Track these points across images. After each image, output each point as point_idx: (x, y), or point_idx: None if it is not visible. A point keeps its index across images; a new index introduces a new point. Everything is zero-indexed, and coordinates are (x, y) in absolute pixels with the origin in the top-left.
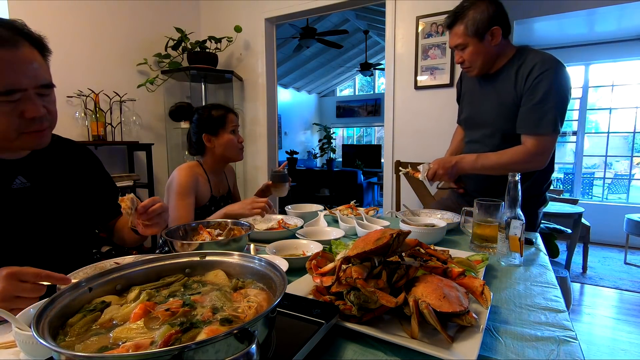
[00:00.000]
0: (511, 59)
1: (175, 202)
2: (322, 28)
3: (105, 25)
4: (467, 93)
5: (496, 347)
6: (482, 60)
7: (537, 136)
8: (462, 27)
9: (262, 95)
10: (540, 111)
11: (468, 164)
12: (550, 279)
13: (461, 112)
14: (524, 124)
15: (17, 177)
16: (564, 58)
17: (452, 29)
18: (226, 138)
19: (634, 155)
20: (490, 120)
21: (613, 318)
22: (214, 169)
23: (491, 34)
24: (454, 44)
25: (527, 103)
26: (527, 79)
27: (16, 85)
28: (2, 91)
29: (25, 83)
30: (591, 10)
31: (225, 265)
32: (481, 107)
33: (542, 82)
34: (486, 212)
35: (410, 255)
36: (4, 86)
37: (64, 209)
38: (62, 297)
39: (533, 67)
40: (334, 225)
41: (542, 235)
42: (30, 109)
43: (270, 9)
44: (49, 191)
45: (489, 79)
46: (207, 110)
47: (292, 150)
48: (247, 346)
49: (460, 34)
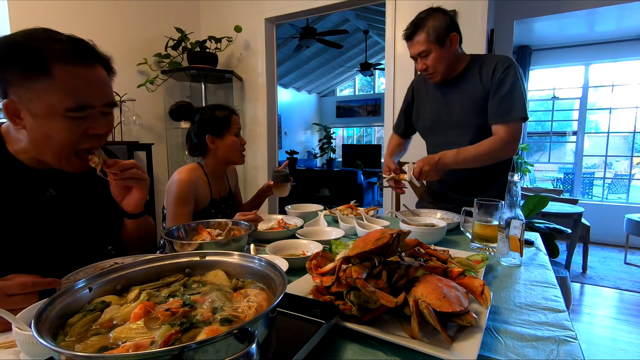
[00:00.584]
0: (469, 64)
1: (174, 210)
2: (322, 28)
3: (105, 25)
4: (426, 101)
5: (496, 347)
6: (444, 65)
7: (509, 124)
8: (423, 35)
9: (262, 95)
10: (510, 100)
11: (450, 158)
12: (550, 279)
13: (417, 120)
14: (496, 114)
15: (48, 188)
16: (564, 58)
17: (413, 39)
18: (230, 140)
19: (634, 155)
20: (463, 119)
21: (613, 318)
22: (215, 170)
23: (450, 40)
24: (417, 52)
25: (496, 95)
26: (492, 75)
27: (89, 103)
28: (74, 107)
29: (96, 101)
30: (591, 10)
31: (225, 265)
32: (449, 109)
33: (507, 77)
34: (486, 212)
35: (410, 255)
36: (78, 102)
37: (85, 221)
38: (62, 297)
39: (496, 65)
40: (334, 225)
41: (542, 235)
42: (95, 126)
43: (270, 9)
44: (74, 203)
45: (451, 83)
46: (211, 110)
47: (292, 150)
48: (247, 346)
49: (422, 42)
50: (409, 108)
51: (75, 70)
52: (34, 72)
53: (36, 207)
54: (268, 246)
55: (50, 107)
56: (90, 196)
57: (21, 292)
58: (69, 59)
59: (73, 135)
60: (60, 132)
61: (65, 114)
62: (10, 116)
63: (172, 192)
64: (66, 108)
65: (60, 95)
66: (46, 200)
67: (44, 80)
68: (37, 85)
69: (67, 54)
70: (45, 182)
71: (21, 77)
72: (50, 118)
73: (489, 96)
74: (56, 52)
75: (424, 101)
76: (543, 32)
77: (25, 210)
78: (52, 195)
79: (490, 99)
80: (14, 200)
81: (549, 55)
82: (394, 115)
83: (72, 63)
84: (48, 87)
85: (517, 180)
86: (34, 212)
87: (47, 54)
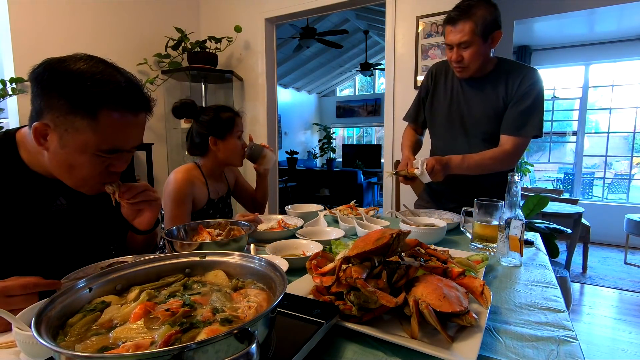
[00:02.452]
0: (496, 67)
1: (172, 210)
2: (322, 28)
3: (105, 25)
4: (443, 93)
5: (496, 347)
6: (480, 61)
7: (518, 137)
8: (470, 24)
9: (262, 95)
10: (528, 116)
11: (455, 163)
12: (550, 279)
13: (430, 110)
14: (510, 125)
15: (58, 198)
16: (564, 58)
17: (456, 26)
18: (233, 143)
19: (634, 155)
20: (478, 121)
21: (613, 318)
22: (212, 171)
23: (492, 37)
24: (459, 41)
25: (515, 107)
26: (519, 85)
27: (123, 148)
28: (108, 149)
29: (129, 146)
30: (591, 10)
31: (225, 265)
32: (467, 109)
33: (532, 91)
34: (486, 212)
35: (410, 255)
36: (113, 146)
37: (93, 229)
38: (62, 297)
39: (524, 76)
40: (334, 225)
41: (542, 235)
42: (119, 165)
43: (270, 9)
44: (83, 212)
45: (475, 81)
46: (215, 112)
47: (292, 150)
48: (247, 346)
49: (467, 32)
50: (426, 97)
51: (121, 116)
52: (80, 110)
53: (46, 216)
54: (268, 246)
55: (83, 145)
56: (99, 206)
57: (22, 293)
58: (119, 105)
59: (96, 172)
60: (84, 167)
61: (95, 153)
62: (37, 137)
63: (170, 193)
64: (99, 149)
65: (98, 137)
66: (56, 209)
67: (87, 119)
68: (79, 122)
69: (118, 101)
70: (56, 191)
71: (66, 109)
72: (79, 153)
73: (509, 105)
74: (109, 97)
75: (441, 93)
76: (543, 32)
77: (35, 219)
78: (62, 205)
79: (509, 108)
80: (24, 207)
81: (549, 55)
82: (394, 115)
83: (120, 110)
84: (89, 127)
85: (517, 180)
86: (43, 220)
87: (100, 98)
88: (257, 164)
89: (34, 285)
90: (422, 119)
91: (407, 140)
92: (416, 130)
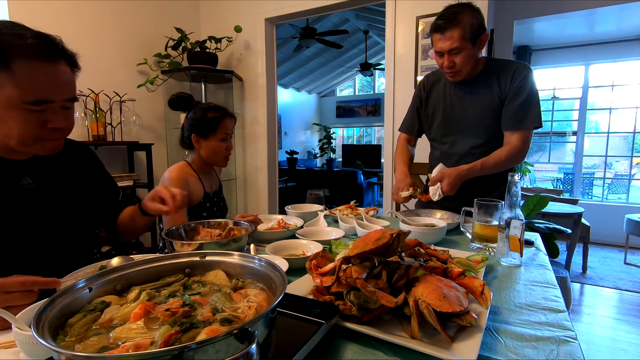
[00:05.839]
0: (485, 67)
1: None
2: (322, 28)
3: (105, 25)
4: (438, 100)
5: (496, 347)
6: (471, 64)
7: (522, 131)
8: (459, 31)
9: (262, 95)
10: (526, 109)
11: (474, 172)
12: (550, 279)
13: (427, 118)
14: (511, 120)
15: (23, 177)
16: (564, 58)
17: (445, 33)
18: (213, 144)
19: (634, 155)
20: (476, 121)
21: (613, 318)
22: (202, 167)
23: (480, 40)
24: (449, 48)
25: (512, 102)
26: (511, 81)
27: (48, 98)
28: (32, 100)
29: (56, 96)
30: (591, 10)
31: (225, 265)
32: (463, 111)
33: (525, 84)
34: (486, 212)
35: (410, 255)
36: (36, 96)
37: (67, 209)
38: (62, 297)
39: (515, 71)
40: (334, 225)
41: (542, 236)
42: (55, 120)
43: (270, 9)
44: (54, 191)
45: (468, 84)
46: (204, 110)
47: (292, 150)
48: (247, 346)
49: (457, 38)
50: (420, 106)
51: (36, 66)
52: None
53: (13, 197)
54: (268, 246)
55: (8, 99)
56: (72, 184)
57: (20, 289)
58: (31, 55)
59: (32, 128)
60: (18, 123)
61: (23, 107)
62: None
63: None
64: (24, 101)
65: (19, 89)
66: (23, 189)
67: (2, 73)
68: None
69: (29, 51)
70: (19, 171)
71: None
72: (8, 109)
73: (505, 102)
74: (18, 49)
75: (436, 99)
76: (543, 32)
77: (2, 200)
78: (29, 184)
79: (506, 105)
80: None
81: (549, 55)
82: (394, 115)
83: (34, 59)
84: (7, 80)
85: (517, 180)
86: (11, 201)
87: (9, 49)
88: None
89: (32, 282)
90: (417, 127)
91: (402, 157)
92: (409, 141)
